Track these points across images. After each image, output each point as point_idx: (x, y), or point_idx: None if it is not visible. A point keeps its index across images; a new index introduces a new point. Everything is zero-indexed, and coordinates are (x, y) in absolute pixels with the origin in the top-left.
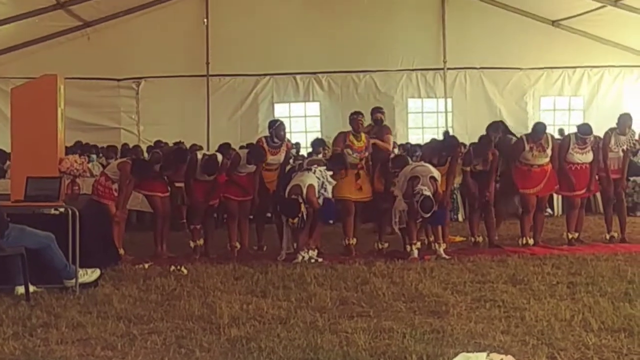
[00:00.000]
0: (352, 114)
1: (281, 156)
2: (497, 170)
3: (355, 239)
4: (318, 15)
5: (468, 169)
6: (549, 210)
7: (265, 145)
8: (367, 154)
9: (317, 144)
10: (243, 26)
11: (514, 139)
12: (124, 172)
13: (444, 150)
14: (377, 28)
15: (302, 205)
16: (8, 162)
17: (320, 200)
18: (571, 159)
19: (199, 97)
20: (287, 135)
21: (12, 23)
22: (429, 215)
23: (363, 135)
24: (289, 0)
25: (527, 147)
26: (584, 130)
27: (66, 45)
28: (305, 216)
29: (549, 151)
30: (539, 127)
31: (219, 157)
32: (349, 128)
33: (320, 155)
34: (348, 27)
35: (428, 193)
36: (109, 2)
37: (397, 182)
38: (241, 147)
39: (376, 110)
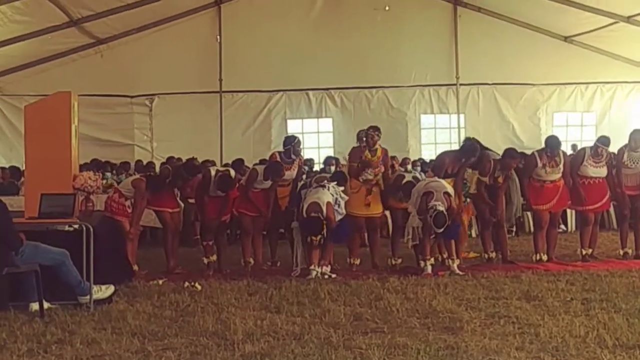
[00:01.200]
0: (365, 130)
1: (294, 172)
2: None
3: (359, 260)
4: (330, 31)
5: (485, 179)
6: (562, 226)
7: (279, 160)
8: (382, 168)
9: (329, 160)
10: (255, 42)
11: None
12: (138, 189)
13: (462, 156)
14: (389, 44)
15: (325, 223)
16: (22, 179)
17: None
18: (585, 173)
19: (212, 113)
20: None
21: (26, 41)
22: (442, 230)
23: (379, 150)
24: (302, 16)
25: (539, 164)
26: (604, 141)
27: (79, 63)
28: (325, 233)
29: (561, 167)
30: (554, 141)
31: (232, 172)
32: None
33: (332, 168)
34: (360, 43)
35: (442, 208)
36: (121, 19)
37: (411, 197)
38: (257, 163)
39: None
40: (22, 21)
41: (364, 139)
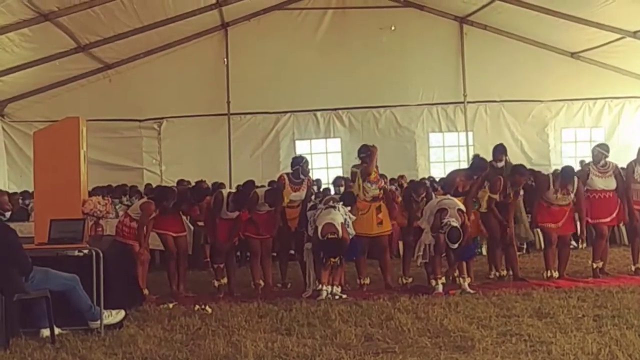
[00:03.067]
0: (362, 148)
1: (303, 193)
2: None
3: (368, 279)
4: (337, 51)
5: (496, 196)
6: (573, 243)
7: (287, 181)
8: (382, 183)
9: (339, 181)
10: (262, 64)
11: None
12: (146, 211)
13: (474, 173)
14: (396, 63)
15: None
16: (29, 202)
17: None
18: (593, 186)
19: (220, 135)
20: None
21: (34, 67)
22: (456, 245)
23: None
24: (308, 37)
25: (552, 188)
26: (603, 147)
27: (87, 88)
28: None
29: (572, 196)
30: (568, 172)
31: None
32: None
33: (342, 189)
34: (367, 63)
35: (456, 224)
36: (129, 44)
37: (423, 214)
38: (258, 187)
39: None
40: (30, 48)
41: (363, 156)
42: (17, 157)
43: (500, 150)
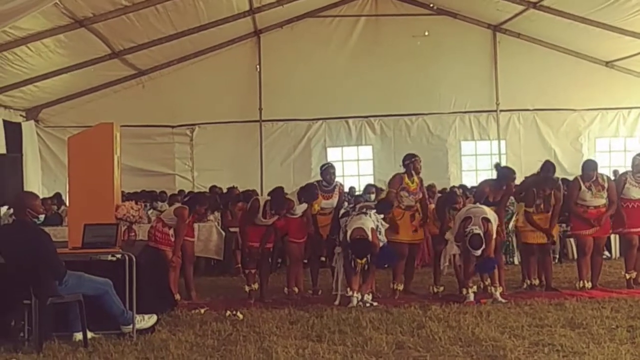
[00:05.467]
0: (407, 157)
1: (334, 200)
2: (558, 213)
3: (402, 285)
4: (369, 58)
5: (531, 210)
6: (606, 253)
7: (318, 190)
8: (421, 195)
9: (369, 188)
10: (295, 71)
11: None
12: (181, 217)
13: (501, 183)
14: (428, 71)
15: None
16: (63, 207)
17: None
18: (628, 195)
19: (252, 142)
20: (340, 179)
21: (69, 73)
22: (479, 252)
23: (416, 178)
24: (341, 44)
25: (583, 187)
26: None
27: (121, 94)
28: (369, 258)
29: (606, 192)
30: (588, 164)
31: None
32: (401, 171)
33: (372, 196)
34: (399, 70)
35: (478, 231)
36: (162, 50)
37: (454, 224)
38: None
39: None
40: (64, 54)
41: (407, 164)
42: (51, 162)
43: (548, 167)
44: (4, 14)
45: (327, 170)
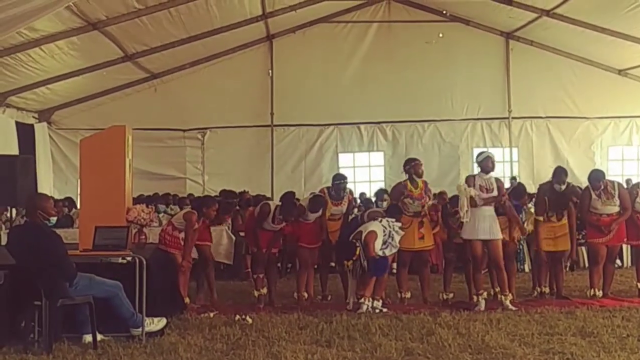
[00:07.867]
0: (407, 162)
1: (344, 207)
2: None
3: (409, 293)
4: (382, 64)
5: (541, 218)
6: (618, 261)
7: (327, 196)
8: (427, 200)
9: (381, 194)
10: (307, 76)
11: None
12: (189, 221)
13: (514, 198)
14: (441, 77)
15: (359, 249)
16: (74, 210)
17: (388, 251)
18: None
19: (263, 147)
20: (352, 185)
21: (81, 75)
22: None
23: (419, 181)
24: (353, 50)
25: (594, 195)
26: None
27: (133, 97)
28: (362, 261)
29: (617, 199)
30: (594, 174)
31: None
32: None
33: (385, 204)
34: (412, 77)
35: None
36: (175, 54)
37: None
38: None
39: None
40: (78, 56)
41: (407, 169)
42: (62, 164)
43: (561, 172)
44: (19, 17)
45: (339, 185)
